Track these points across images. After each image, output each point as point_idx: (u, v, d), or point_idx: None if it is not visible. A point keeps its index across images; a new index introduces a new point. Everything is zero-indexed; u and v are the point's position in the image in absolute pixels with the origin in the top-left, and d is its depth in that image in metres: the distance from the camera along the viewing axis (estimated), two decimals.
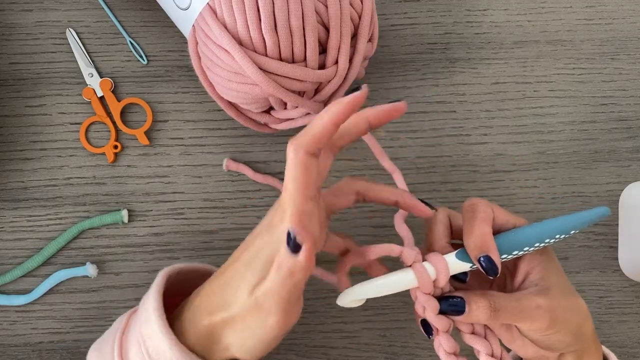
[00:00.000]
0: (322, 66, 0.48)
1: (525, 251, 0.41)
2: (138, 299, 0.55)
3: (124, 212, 0.54)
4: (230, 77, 0.48)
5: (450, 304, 0.40)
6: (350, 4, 0.48)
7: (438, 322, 0.41)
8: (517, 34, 0.58)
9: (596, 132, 0.57)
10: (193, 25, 0.49)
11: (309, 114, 0.51)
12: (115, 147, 0.55)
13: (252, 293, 0.37)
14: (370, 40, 0.51)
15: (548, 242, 0.41)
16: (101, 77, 0.55)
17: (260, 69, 0.47)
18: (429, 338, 0.42)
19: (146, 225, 0.55)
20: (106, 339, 0.44)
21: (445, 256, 0.41)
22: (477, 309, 0.40)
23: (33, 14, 0.56)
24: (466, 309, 0.40)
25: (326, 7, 0.47)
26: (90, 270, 0.54)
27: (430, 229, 0.43)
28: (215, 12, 0.47)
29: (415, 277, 0.40)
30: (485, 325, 0.43)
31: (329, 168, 0.41)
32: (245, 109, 0.52)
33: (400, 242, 0.43)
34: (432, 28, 0.58)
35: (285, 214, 0.37)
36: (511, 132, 0.57)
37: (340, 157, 0.56)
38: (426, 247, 0.43)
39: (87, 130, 0.55)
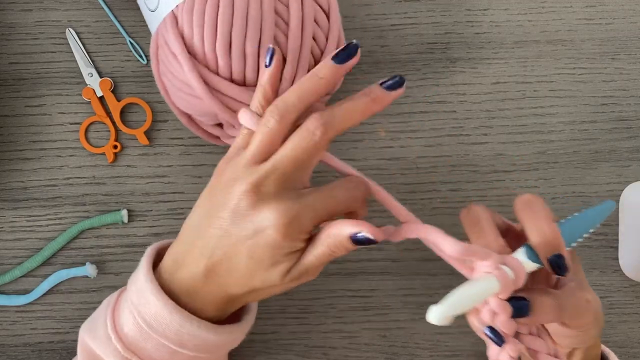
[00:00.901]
0: None
1: (572, 247, 0.40)
2: None
3: (124, 212, 0.54)
4: (181, 87, 0.47)
5: (517, 306, 0.38)
6: (314, 38, 0.47)
7: (508, 326, 0.38)
8: (517, 33, 0.58)
9: (596, 132, 0.57)
10: (157, 29, 0.49)
11: None
12: (115, 147, 0.55)
13: (284, 277, 0.39)
14: None
15: (584, 238, 0.41)
16: (101, 77, 0.55)
17: (209, 86, 0.46)
18: (500, 346, 0.38)
19: (146, 225, 0.55)
20: (97, 317, 0.44)
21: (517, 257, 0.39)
22: (544, 309, 0.38)
23: (33, 13, 0.56)
24: (532, 309, 0.38)
25: (286, 37, 0.46)
26: (90, 270, 0.53)
27: (480, 227, 0.41)
28: (176, 20, 0.46)
29: (499, 284, 0.37)
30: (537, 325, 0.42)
31: None
32: (198, 119, 0.51)
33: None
34: (432, 28, 0.58)
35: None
36: (511, 132, 0.57)
37: (339, 157, 0.56)
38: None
39: (86, 130, 0.55)
